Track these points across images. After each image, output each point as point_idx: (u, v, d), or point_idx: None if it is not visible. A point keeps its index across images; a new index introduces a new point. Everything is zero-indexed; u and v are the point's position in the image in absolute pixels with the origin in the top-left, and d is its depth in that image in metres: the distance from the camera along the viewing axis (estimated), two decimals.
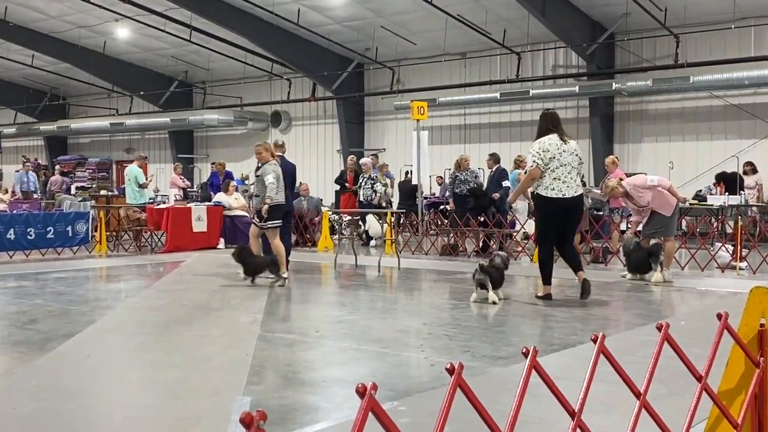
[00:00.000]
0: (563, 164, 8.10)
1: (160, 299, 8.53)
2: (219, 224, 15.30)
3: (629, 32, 19.48)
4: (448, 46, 21.33)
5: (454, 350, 5.66)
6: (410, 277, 10.89)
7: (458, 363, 1.62)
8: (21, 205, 20.71)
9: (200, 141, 29.05)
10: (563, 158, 8.11)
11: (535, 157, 8.11)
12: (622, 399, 3.69)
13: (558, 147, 8.15)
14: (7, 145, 32.19)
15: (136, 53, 26.04)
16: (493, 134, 22.26)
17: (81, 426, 3.92)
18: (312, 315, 7.74)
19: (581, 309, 7.72)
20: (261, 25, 21.40)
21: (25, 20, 23.60)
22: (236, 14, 20.83)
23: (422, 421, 3.87)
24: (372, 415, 1.40)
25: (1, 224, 12.74)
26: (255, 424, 1.21)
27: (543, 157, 8.08)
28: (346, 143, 24.14)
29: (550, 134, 8.27)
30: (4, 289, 9.23)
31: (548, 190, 8.10)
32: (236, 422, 3.80)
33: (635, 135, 20.30)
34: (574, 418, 1.96)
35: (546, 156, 8.08)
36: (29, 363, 5.25)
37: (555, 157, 8.08)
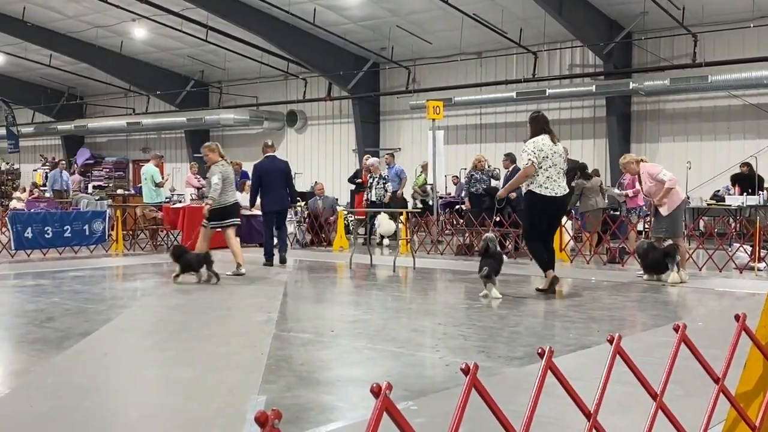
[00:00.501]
0: (554, 164, 8.55)
1: (176, 298, 8.57)
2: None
3: (647, 31, 19.35)
4: (464, 46, 21.29)
5: (469, 350, 5.65)
6: (425, 276, 10.87)
7: (473, 363, 1.61)
8: (38, 204, 20.87)
9: (216, 140, 29.02)
10: (554, 159, 8.56)
11: (531, 156, 8.48)
12: (638, 400, 3.67)
13: (550, 148, 8.59)
14: (25, 144, 32.44)
15: (153, 53, 26.18)
16: (509, 134, 22.19)
17: (97, 424, 3.94)
18: (327, 314, 7.75)
19: (597, 310, 7.69)
20: (277, 25, 21.44)
21: (43, 20, 23.77)
22: (253, 14, 20.89)
23: (437, 421, 3.86)
24: (387, 415, 1.40)
25: (19, 223, 12.83)
26: (270, 423, 1.22)
27: (538, 155, 8.48)
28: (361, 143, 24.15)
29: (543, 135, 8.68)
30: (21, 288, 9.30)
31: (542, 188, 8.49)
32: (251, 421, 3.81)
33: (652, 135, 20.17)
34: (590, 419, 1.95)
35: (540, 155, 8.49)
36: (46, 361, 5.28)
37: (548, 156, 8.52)
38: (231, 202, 10.51)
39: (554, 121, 21.35)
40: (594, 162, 20.04)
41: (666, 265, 9.76)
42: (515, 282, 10.05)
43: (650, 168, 10.30)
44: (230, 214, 10.58)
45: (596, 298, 8.55)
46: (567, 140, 20.58)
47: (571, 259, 12.71)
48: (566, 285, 10.14)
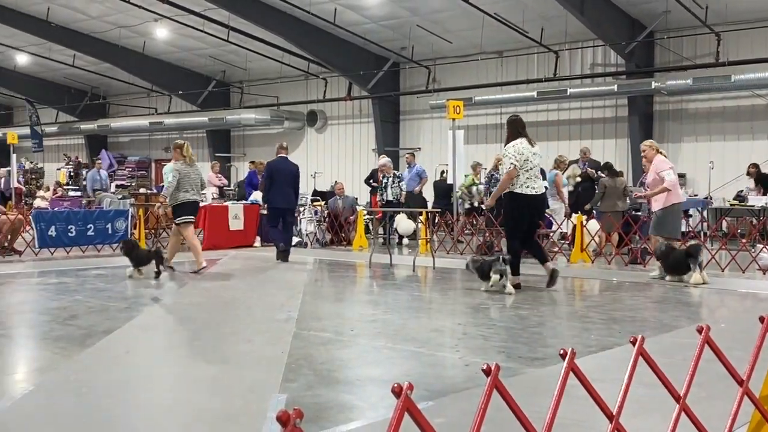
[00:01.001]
0: (534, 165, 9.04)
1: (198, 296, 8.62)
2: (255, 223, 15.42)
3: (669, 30, 19.20)
4: (485, 45, 21.23)
5: (490, 351, 5.64)
6: (445, 276, 10.86)
7: (495, 364, 1.61)
8: (62, 203, 21.07)
9: (237, 140, 29.29)
10: (534, 160, 9.05)
11: (512, 159, 8.94)
12: (660, 401, 3.64)
13: (529, 150, 9.04)
14: (49, 144, 32.74)
15: (175, 53, 26.34)
16: (530, 133, 22.00)
17: (119, 421, 3.97)
18: (347, 314, 7.76)
19: (619, 311, 7.64)
20: (298, 25, 21.50)
21: (67, 21, 24.00)
22: (273, 14, 20.96)
23: (457, 422, 3.85)
24: (407, 415, 1.40)
25: (42, 221, 12.96)
26: (292, 423, 1.22)
27: (519, 158, 8.92)
28: (381, 142, 24.15)
29: (520, 138, 9.12)
30: (45, 286, 9.40)
31: (524, 188, 8.94)
32: (272, 419, 3.83)
33: (675, 135, 20.01)
34: (612, 421, 1.94)
35: (521, 158, 8.93)
36: (69, 358, 5.33)
37: (528, 158, 8.98)
38: (186, 200, 10.71)
39: (575, 121, 21.34)
40: (616, 162, 19.91)
41: (688, 266, 9.66)
42: (535, 282, 10.00)
43: (660, 162, 10.30)
44: (186, 212, 10.78)
45: (617, 299, 8.50)
46: (588, 140, 20.49)
47: (592, 260, 12.64)
48: (588, 286, 10.09)
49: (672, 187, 10.07)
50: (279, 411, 1.23)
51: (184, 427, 3.86)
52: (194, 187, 10.81)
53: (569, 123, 21.55)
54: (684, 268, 9.71)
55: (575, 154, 16.86)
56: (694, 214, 17.62)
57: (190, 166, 10.82)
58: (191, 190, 10.72)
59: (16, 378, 5.05)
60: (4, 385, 4.75)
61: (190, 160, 10.84)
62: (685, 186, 19.15)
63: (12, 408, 4.11)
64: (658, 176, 10.18)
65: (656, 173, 10.24)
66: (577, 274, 11.01)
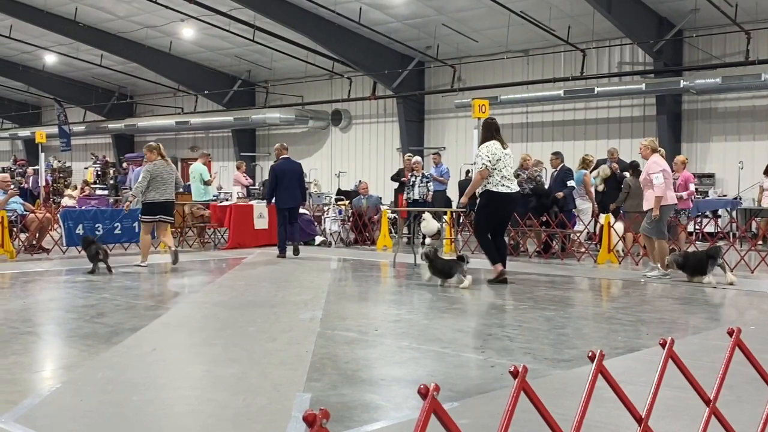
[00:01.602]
0: (506, 165, 9.48)
1: (223, 295, 8.66)
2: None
3: (698, 28, 18.97)
4: (511, 43, 21.12)
5: (515, 352, 5.60)
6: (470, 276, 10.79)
7: (522, 366, 1.59)
8: (89, 201, 21.29)
9: (262, 139, 29.42)
10: (506, 160, 9.50)
11: (484, 160, 9.40)
12: (689, 404, 3.59)
13: (502, 151, 9.49)
14: (77, 143, 33.11)
15: (201, 53, 26.51)
16: (557, 133, 21.97)
17: (145, 418, 3.99)
18: (371, 313, 7.75)
19: (647, 312, 7.56)
20: (323, 25, 21.55)
21: (95, 21, 24.25)
22: (299, 14, 21.02)
23: (482, 423, 3.83)
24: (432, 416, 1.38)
25: (70, 220, 13.10)
26: (318, 423, 1.21)
27: (492, 159, 9.38)
28: (405, 142, 24.12)
29: (493, 140, 9.55)
30: (73, 283, 9.49)
31: (499, 186, 9.39)
32: (297, 418, 3.83)
33: (704, 134, 19.78)
34: (641, 424, 1.91)
35: (494, 158, 9.39)
36: (96, 356, 5.38)
37: (501, 159, 9.42)
38: (160, 200, 11.15)
39: (602, 120, 21.18)
40: (643, 162, 19.73)
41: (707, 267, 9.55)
42: (561, 283, 9.94)
43: (651, 164, 10.34)
44: (160, 211, 11.23)
45: (645, 300, 8.41)
46: (615, 139, 20.32)
47: (619, 261, 12.52)
48: (615, 287, 10.00)
49: (662, 192, 10.08)
50: (305, 411, 1.22)
51: (209, 426, 3.88)
52: (168, 186, 11.22)
53: (596, 122, 21.38)
54: (705, 269, 9.59)
55: (602, 154, 16.72)
56: (723, 215, 17.42)
57: (164, 167, 11.23)
58: (162, 189, 11.13)
59: (44, 375, 5.10)
60: (33, 382, 4.80)
61: (165, 160, 11.33)
62: (714, 186, 18.94)
63: (40, 405, 4.15)
64: (648, 177, 10.25)
65: (647, 173, 10.33)
66: (604, 275, 10.91)
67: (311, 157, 27.50)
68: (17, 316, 7.07)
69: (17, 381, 4.72)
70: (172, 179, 11.37)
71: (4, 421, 3.82)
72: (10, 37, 25.49)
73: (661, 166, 10.27)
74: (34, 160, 30.57)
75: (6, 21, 24.35)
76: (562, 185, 13.61)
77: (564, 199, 13.48)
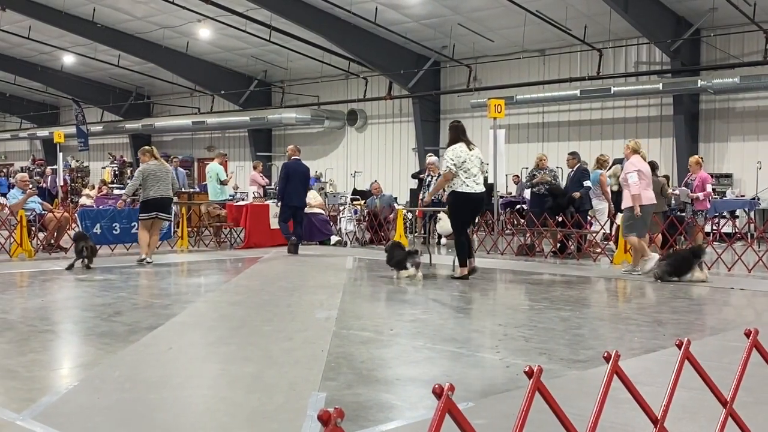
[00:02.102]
0: (473, 166, 9.89)
1: (239, 294, 8.69)
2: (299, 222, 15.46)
3: (716, 27, 18.84)
4: (527, 43, 21.06)
5: (531, 352, 5.58)
6: (485, 276, 10.78)
7: (537, 366, 1.59)
8: (107, 201, 21.41)
9: (278, 139, 29.49)
10: (472, 161, 9.89)
11: (449, 162, 9.86)
12: (705, 405, 3.57)
13: (467, 153, 9.89)
14: (95, 143, 33.31)
15: (218, 53, 26.61)
16: (573, 132, 21.88)
17: (161, 416, 4.02)
18: (386, 313, 7.76)
19: (663, 313, 7.52)
20: (339, 25, 21.57)
21: (112, 21, 24.40)
22: (315, 14, 21.05)
23: (497, 424, 3.82)
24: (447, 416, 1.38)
25: (88, 219, 13.18)
26: (333, 422, 1.22)
27: (457, 161, 9.82)
28: (421, 142, 24.10)
29: (459, 142, 9.96)
30: (90, 282, 9.56)
31: (464, 186, 9.86)
32: (312, 417, 3.84)
33: (721, 134, 19.63)
34: (656, 425, 1.90)
35: (459, 160, 9.82)
36: (114, 354, 5.41)
37: (466, 160, 9.84)
38: (154, 197, 11.52)
39: (619, 120, 21.06)
40: (660, 162, 19.61)
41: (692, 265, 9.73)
42: (577, 283, 9.91)
43: (628, 164, 10.65)
44: (155, 208, 11.58)
45: (662, 301, 8.36)
46: (632, 139, 20.20)
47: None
48: (631, 287, 9.95)
49: (637, 190, 10.31)
50: (320, 410, 1.23)
51: (225, 424, 3.89)
52: (163, 184, 11.57)
53: (613, 122, 21.27)
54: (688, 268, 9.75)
55: (618, 154, 16.64)
56: (741, 215, 17.28)
57: (157, 166, 11.68)
58: (155, 186, 11.50)
59: (62, 373, 5.14)
60: (51, 380, 4.85)
61: (159, 160, 11.81)
62: (731, 186, 18.79)
63: (58, 402, 4.19)
64: (624, 177, 10.61)
65: (624, 173, 10.67)
66: (620, 275, 10.85)
67: (327, 157, 27.55)
68: (35, 315, 7.14)
69: (36, 379, 4.77)
70: (167, 177, 11.71)
71: (22, 418, 3.86)
72: (29, 38, 25.69)
73: (636, 167, 10.44)
74: (53, 159, 30.79)
75: (25, 22, 24.55)
76: (578, 185, 13.54)
77: (580, 200, 13.42)
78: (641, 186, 10.33)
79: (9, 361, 5.17)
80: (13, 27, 25.01)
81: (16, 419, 3.85)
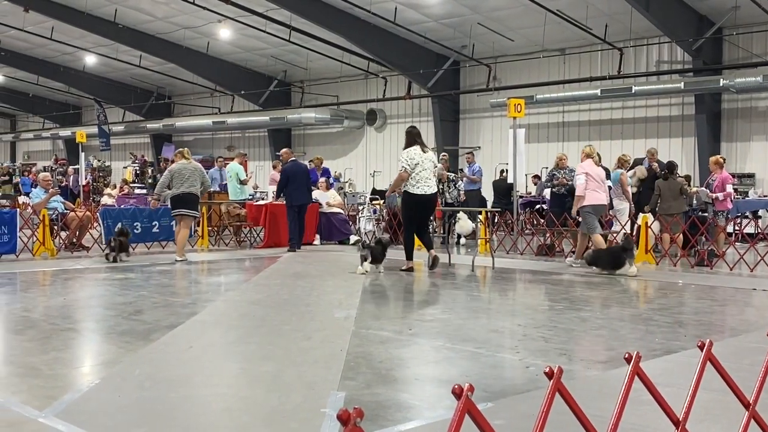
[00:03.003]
0: (425, 169, 10.64)
1: (258, 293, 8.72)
2: (315, 221, 15.52)
3: (738, 26, 18.66)
4: (547, 42, 20.97)
5: (550, 352, 5.56)
6: (504, 277, 10.76)
7: (557, 367, 1.58)
8: (128, 200, 21.57)
9: (298, 139, 29.58)
10: (425, 164, 10.65)
11: (404, 164, 10.64)
12: (728, 407, 3.54)
13: (421, 156, 10.64)
14: (116, 143, 33.60)
15: (238, 53, 26.74)
16: (593, 132, 21.76)
17: (181, 415, 4.04)
18: (405, 313, 7.75)
19: (685, 314, 7.46)
20: (358, 24, 21.59)
21: (134, 22, 24.58)
22: (335, 14, 21.09)
23: (517, 424, 3.81)
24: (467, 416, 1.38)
25: (109, 218, 13.28)
26: (352, 421, 1.21)
27: (410, 163, 10.58)
28: (440, 141, 24.07)
29: (414, 146, 10.70)
30: (111, 281, 9.63)
31: (415, 188, 10.62)
32: (331, 417, 3.84)
33: (744, 133, 19.44)
34: (678, 427, 1.88)
35: (412, 163, 10.57)
36: (134, 352, 5.45)
37: (419, 163, 10.59)
38: (176, 194, 11.99)
39: (640, 119, 20.91)
40: (682, 161, 19.46)
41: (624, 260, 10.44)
42: (597, 284, 9.85)
43: (579, 168, 11.62)
44: (181, 204, 12.01)
45: (683, 302, 8.30)
46: (654, 139, 20.07)
47: (657, 262, 12.36)
48: (651, 287, 9.87)
49: (582, 191, 11.22)
50: (340, 410, 1.23)
51: (244, 423, 3.91)
52: (188, 182, 11.96)
53: (634, 121, 21.13)
54: (621, 263, 10.47)
55: (640, 153, 16.53)
56: (764, 215, 17.10)
57: (185, 165, 12.10)
58: (180, 184, 11.93)
59: (83, 371, 5.18)
60: (72, 378, 4.89)
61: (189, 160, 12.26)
62: (754, 186, 18.61)
63: (79, 400, 4.22)
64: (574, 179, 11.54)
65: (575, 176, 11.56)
66: (641, 275, 10.78)
67: (346, 157, 27.59)
68: (57, 313, 7.20)
69: (57, 376, 4.81)
70: (195, 176, 12.06)
71: (45, 415, 3.89)
72: (52, 38, 25.96)
73: (585, 170, 11.32)
74: (75, 159, 31.09)
75: (48, 23, 24.80)
76: None
77: None
78: (589, 188, 11.21)
79: (32, 359, 5.22)
80: (36, 28, 25.26)
81: (38, 416, 3.88)
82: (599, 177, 11.46)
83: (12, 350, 5.75)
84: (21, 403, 4.13)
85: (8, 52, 29.27)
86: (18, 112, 41.68)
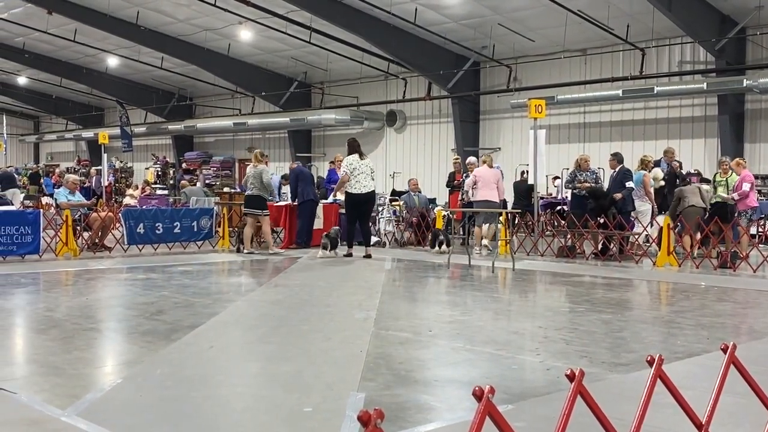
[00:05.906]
0: (362, 173, 12.98)
1: (278, 294, 8.75)
2: (335, 221, 15.53)
3: (762, 26, 18.45)
4: (568, 43, 20.86)
5: (571, 355, 5.53)
6: (525, 278, 10.72)
7: (579, 369, 1.57)
8: (150, 201, 21.73)
9: (317, 140, 29.63)
10: (362, 169, 12.99)
11: (345, 169, 13.06)
12: (751, 411, 3.50)
13: (359, 162, 13.02)
14: (138, 144, 33.83)
15: (258, 55, 26.83)
16: (615, 133, 21.61)
17: (202, 414, 4.06)
18: (425, 314, 7.74)
19: (707, 316, 7.39)
20: (378, 26, 21.59)
21: (156, 24, 24.75)
22: (354, 15, 21.10)
23: (537, 427, 3.80)
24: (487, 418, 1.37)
25: (131, 219, 13.39)
26: (373, 423, 1.21)
27: (350, 168, 12.96)
28: (460, 142, 24.01)
29: (354, 154, 13.09)
30: (133, 281, 9.71)
31: (353, 188, 12.97)
32: (351, 418, 3.85)
33: (767, 134, 19.22)
34: (701, 431, 1.87)
35: (351, 168, 12.96)
36: (156, 352, 5.49)
37: (356, 167, 12.96)
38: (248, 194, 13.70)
39: (662, 120, 20.74)
40: (704, 162, 19.28)
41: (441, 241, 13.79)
42: (618, 286, 9.79)
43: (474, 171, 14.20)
44: (245, 205, 13.83)
45: (706, 304, 8.22)
46: (676, 140, 19.90)
47: (679, 264, 12.25)
48: (674, 289, 9.79)
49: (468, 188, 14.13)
50: (360, 411, 1.23)
51: (264, 423, 3.92)
52: (251, 185, 13.59)
53: (656, 122, 20.97)
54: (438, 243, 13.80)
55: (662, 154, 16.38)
56: None
57: (252, 169, 13.74)
58: (248, 188, 13.72)
59: (106, 370, 5.23)
60: (94, 377, 4.93)
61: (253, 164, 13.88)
62: None
63: (101, 399, 4.26)
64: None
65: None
66: (663, 278, 10.70)
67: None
68: (80, 313, 7.27)
69: (80, 376, 4.86)
70: (256, 179, 13.52)
71: (67, 414, 3.93)
72: (75, 40, 26.19)
73: (476, 174, 13.95)
74: (97, 160, 31.33)
75: (71, 25, 25.02)
76: (620, 186, 13.36)
77: (622, 201, 13.24)
78: (477, 187, 13.77)
79: (54, 358, 5.28)
80: (60, 30, 25.49)
81: (61, 415, 3.92)
82: (487, 179, 13.78)
83: (35, 349, 5.81)
84: (44, 401, 4.17)
85: (32, 54, 29.55)
86: (41, 114, 42.09)
